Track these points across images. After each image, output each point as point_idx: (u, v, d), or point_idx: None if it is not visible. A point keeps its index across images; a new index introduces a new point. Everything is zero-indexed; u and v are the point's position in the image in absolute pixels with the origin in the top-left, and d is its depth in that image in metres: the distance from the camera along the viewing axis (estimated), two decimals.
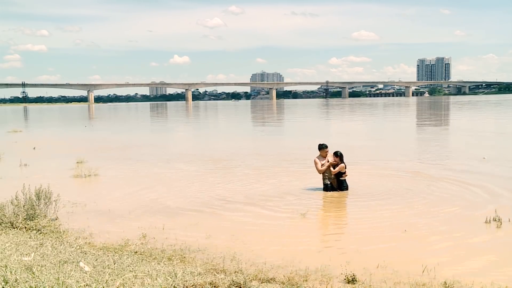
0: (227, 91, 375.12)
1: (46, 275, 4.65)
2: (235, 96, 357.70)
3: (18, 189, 8.10)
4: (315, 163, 10.61)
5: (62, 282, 4.40)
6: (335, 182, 10.61)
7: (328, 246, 7.13)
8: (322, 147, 10.67)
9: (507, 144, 20.94)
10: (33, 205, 7.91)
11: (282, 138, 28.36)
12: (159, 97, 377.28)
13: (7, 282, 4.34)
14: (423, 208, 9.01)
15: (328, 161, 10.51)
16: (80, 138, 29.18)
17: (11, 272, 4.65)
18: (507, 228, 7.60)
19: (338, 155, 10.49)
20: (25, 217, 7.66)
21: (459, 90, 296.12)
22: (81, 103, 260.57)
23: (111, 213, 9.14)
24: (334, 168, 10.48)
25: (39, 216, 7.84)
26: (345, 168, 10.51)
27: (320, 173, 10.59)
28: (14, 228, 7.42)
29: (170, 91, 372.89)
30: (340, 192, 10.46)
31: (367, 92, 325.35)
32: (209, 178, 12.91)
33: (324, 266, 5.93)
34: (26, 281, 4.38)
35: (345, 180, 10.58)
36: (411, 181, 11.80)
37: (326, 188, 10.52)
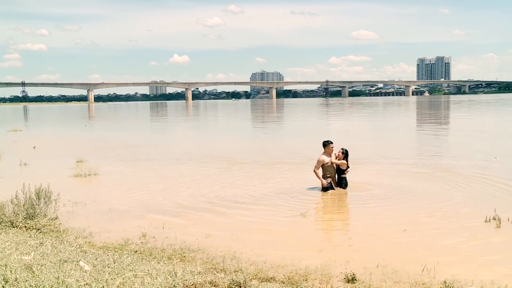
0: (227, 90, 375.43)
1: (46, 274, 4.64)
2: (235, 95, 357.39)
3: (18, 188, 8.10)
4: (318, 162, 10.43)
5: (62, 281, 4.39)
6: (334, 181, 10.61)
7: (328, 245, 7.14)
8: (327, 144, 10.51)
9: None
10: (33, 204, 7.91)
11: (283, 137, 28.35)
12: (159, 96, 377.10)
13: (7, 281, 4.34)
14: (423, 207, 9.00)
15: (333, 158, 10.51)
16: (80, 138, 29.16)
17: (11, 271, 4.64)
18: (506, 227, 7.60)
19: (343, 153, 10.48)
20: (25, 216, 7.67)
21: (459, 89, 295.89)
22: (81, 102, 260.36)
23: (111, 212, 9.14)
24: (336, 160, 10.47)
25: (39, 215, 7.84)
26: (347, 167, 10.50)
27: (314, 172, 10.52)
28: (14, 227, 7.42)
29: (170, 90, 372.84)
30: (340, 190, 10.46)
31: (367, 92, 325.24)
32: (209, 177, 12.90)
33: (324, 265, 5.93)
34: (26, 280, 4.37)
35: (345, 178, 10.58)
36: (412, 179, 11.79)
37: (326, 187, 10.49)
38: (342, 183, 10.54)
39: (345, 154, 10.49)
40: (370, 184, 11.18)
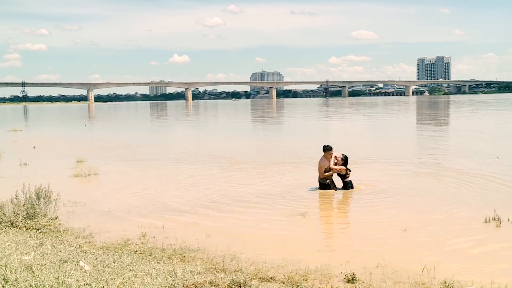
0: (227, 90, 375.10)
1: (46, 274, 4.64)
2: (235, 95, 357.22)
3: (18, 188, 8.11)
4: (320, 167, 10.57)
5: (62, 281, 4.39)
6: (332, 182, 10.66)
7: (328, 245, 7.14)
8: (326, 149, 10.64)
9: None
10: (33, 204, 7.91)
11: (283, 137, 28.38)
12: (159, 96, 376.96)
13: (7, 281, 4.34)
14: (423, 207, 9.00)
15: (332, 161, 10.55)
16: (80, 137, 29.17)
17: (11, 271, 4.64)
18: (507, 227, 7.60)
19: (343, 159, 10.52)
20: (25, 216, 7.67)
21: (459, 89, 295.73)
22: (81, 102, 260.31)
23: (111, 212, 9.14)
24: (335, 166, 10.51)
25: (39, 215, 7.84)
26: (346, 171, 10.51)
27: (322, 176, 10.58)
28: (14, 227, 7.43)
29: (170, 90, 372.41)
30: (340, 191, 10.49)
31: (367, 91, 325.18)
32: (209, 177, 12.91)
33: (324, 265, 5.93)
34: (26, 280, 4.37)
35: (350, 181, 10.61)
36: (412, 179, 11.79)
37: (324, 187, 10.54)
38: (348, 186, 10.57)
39: (344, 160, 10.54)
40: (370, 184, 11.17)
